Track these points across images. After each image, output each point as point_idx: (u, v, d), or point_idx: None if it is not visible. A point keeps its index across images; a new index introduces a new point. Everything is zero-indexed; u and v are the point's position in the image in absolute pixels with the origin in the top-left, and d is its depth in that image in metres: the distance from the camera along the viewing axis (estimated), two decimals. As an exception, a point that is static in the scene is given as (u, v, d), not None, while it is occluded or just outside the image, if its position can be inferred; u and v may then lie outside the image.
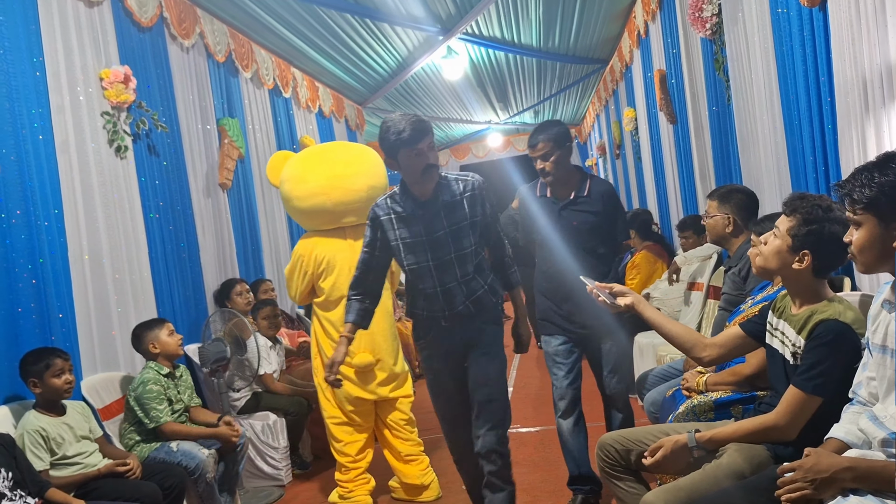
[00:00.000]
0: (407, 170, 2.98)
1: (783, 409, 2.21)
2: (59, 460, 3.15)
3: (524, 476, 4.14)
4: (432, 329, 3.20)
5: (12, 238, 3.40)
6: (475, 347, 3.17)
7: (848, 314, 2.18)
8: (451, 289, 3.09)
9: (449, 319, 3.14)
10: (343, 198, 4.06)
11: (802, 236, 2.25)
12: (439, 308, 3.12)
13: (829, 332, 2.15)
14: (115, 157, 4.30)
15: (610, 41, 8.80)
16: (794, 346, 2.26)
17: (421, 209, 3.03)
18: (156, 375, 3.77)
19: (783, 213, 2.34)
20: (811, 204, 2.28)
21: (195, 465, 3.56)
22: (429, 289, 3.10)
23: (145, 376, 3.75)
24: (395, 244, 3.10)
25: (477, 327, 3.17)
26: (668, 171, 6.87)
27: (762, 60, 3.75)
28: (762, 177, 4.01)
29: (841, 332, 2.15)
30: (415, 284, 3.17)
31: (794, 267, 2.27)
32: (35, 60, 3.71)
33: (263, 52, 6.82)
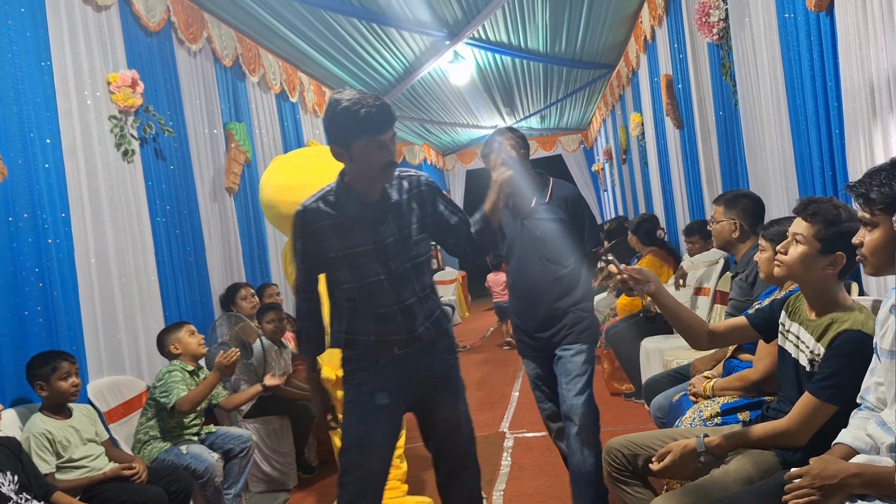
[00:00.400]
0: (362, 164, 2.46)
1: (796, 416, 2.19)
2: (65, 463, 3.15)
3: (530, 481, 4.14)
4: (380, 359, 2.61)
5: (19, 241, 3.41)
6: (438, 384, 2.69)
7: (869, 324, 2.15)
8: (411, 306, 2.59)
9: (405, 345, 2.60)
10: None
11: (832, 238, 2.21)
12: (396, 331, 2.58)
13: (851, 343, 2.13)
14: (123, 161, 4.31)
15: (617, 46, 8.79)
16: (812, 353, 2.24)
17: (367, 211, 2.54)
18: (180, 369, 3.85)
19: (801, 218, 2.29)
20: (830, 205, 2.25)
21: (204, 469, 3.56)
22: (383, 307, 2.56)
23: (170, 368, 3.85)
24: (335, 256, 2.56)
25: (439, 358, 2.69)
26: (675, 176, 6.86)
27: (769, 65, 3.74)
28: (769, 182, 4.00)
29: (863, 342, 2.12)
30: (358, 304, 2.60)
31: (828, 271, 2.24)
32: (43, 64, 3.73)
33: (270, 57, 6.84)
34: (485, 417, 5.66)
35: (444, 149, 15.40)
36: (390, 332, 2.58)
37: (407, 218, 2.59)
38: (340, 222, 2.54)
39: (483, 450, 4.71)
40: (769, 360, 2.78)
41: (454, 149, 15.58)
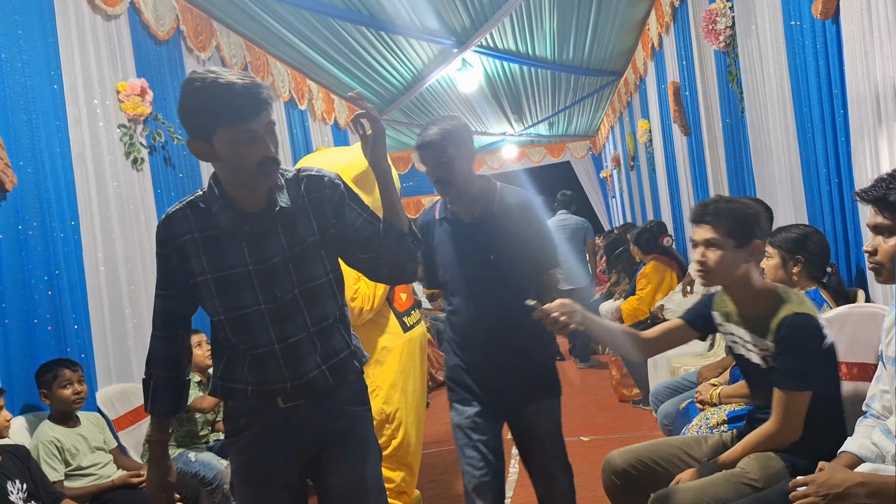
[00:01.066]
0: (230, 162, 1.86)
1: (777, 414, 2.20)
2: (73, 471, 3.16)
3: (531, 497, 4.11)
4: (261, 416, 2.02)
5: (29, 250, 3.43)
6: (336, 444, 2.04)
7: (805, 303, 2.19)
8: (298, 344, 1.98)
9: (292, 396, 2.00)
10: None
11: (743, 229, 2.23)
12: (277, 378, 1.97)
13: (796, 329, 2.15)
14: (132, 170, 4.34)
15: (624, 53, 8.80)
16: (762, 350, 2.24)
17: (247, 224, 1.94)
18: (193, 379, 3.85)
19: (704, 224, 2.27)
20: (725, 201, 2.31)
21: (213, 476, 3.57)
22: (262, 347, 1.97)
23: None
24: (203, 279, 1.96)
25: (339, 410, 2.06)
26: (683, 183, 6.85)
27: (775, 73, 3.74)
28: (776, 189, 4.00)
29: (805, 324, 2.15)
30: (229, 342, 2.02)
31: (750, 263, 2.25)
32: (52, 73, 3.76)
33: (279, 65, 6.87)
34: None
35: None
36: (271, 378, 1.98)
37: (300, 230, 1.98)
38: (210, 236, 1.96)
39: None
40: (776, 368, 2.77)
41: (463, 156, 15.58)
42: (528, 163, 15.54)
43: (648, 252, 6.20)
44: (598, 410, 5.66)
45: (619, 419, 5.31)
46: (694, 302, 5.08)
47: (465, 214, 2.72)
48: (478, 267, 2.69)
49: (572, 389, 6.55)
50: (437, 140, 2.62)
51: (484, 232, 2.68)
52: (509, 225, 2.65)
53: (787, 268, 2.88)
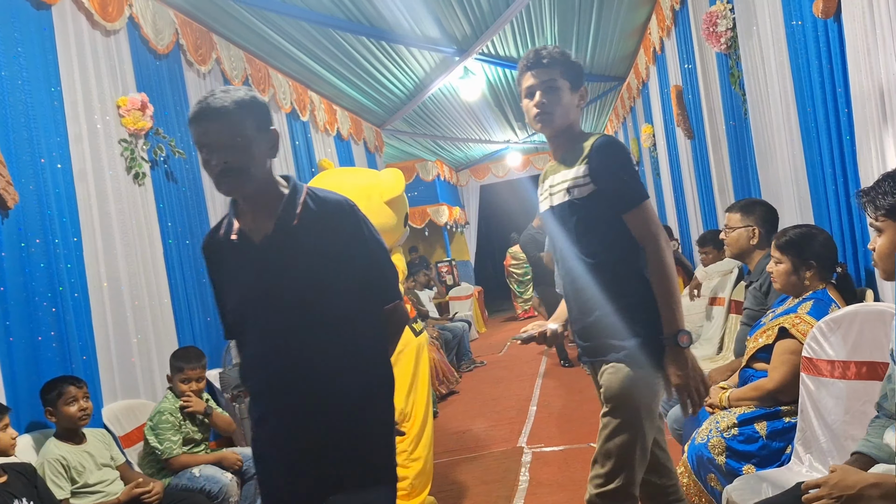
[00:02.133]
0: None
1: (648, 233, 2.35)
2: (80, 489, 3.15)
3: (548, 497, 4.09)
4: None
5: (31, 266, 3.43)
6: None
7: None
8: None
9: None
10: None
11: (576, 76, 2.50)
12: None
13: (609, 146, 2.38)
14: (133, 185, 4.34)
15: (626, 58, 8.80)
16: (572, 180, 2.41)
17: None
18: (172, 406, 3.76)
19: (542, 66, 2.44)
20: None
21: (218, 490, 3.54)
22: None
23: (162, 406, 3.75)
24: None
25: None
26: (687, 187, 6.83)
27: (778, 73, 3.72)
28: (780, 190, 3.97)
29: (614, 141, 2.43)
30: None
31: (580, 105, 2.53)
32: (53, 90, 3.77)
33: (280, 77, 6.88)
34: (503, 433, 5.63)
35: (457, 164, 15.44)
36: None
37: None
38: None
39: (501, 465, 4.73)
40: (785, 369, 2.75)
41: (467, 164, 15.61)
42: (533, 170, 15.55)
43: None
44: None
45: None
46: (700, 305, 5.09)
47: (256, 231, 1.97)
48: (272, 306, 1.94)
49: (581, 396, 6.51)
50: (232, 109, 1.88)
51: (280, 255, 1.94)
52: (319, 243, 1.94)
53: (800, 274, 2.87)
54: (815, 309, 2.73)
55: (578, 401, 6.38)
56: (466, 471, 4.77)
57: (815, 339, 2.58)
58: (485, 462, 4.92)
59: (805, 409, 2.61)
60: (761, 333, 2.95)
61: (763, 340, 2.91)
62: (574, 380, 7.24)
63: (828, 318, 2.57)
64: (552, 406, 6.34)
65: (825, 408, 2.54)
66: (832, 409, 2.52)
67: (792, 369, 2.72)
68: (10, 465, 2.81)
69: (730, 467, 2.72)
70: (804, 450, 2.60)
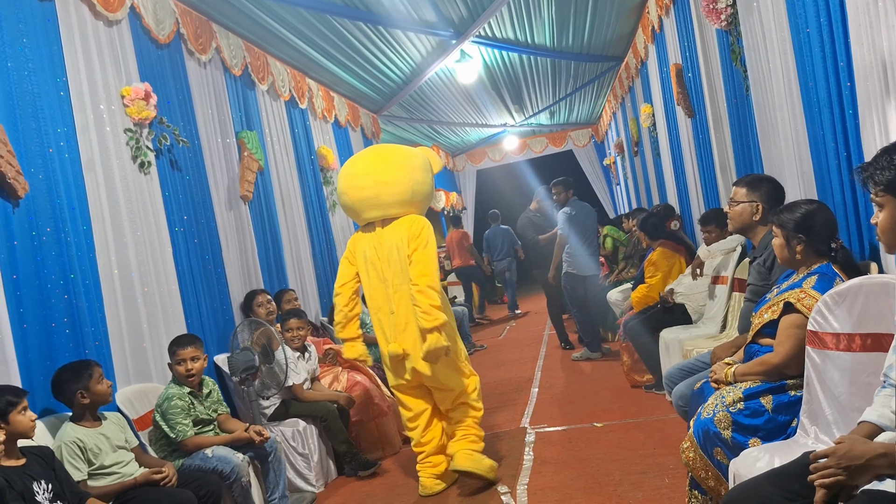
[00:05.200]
0: None
1: None
2: (96, 470, 3.20)
3: (554, 475, 4.14)
4: None
5: (43, 255, 3.46)
6: None
7: None
8: None
9: None
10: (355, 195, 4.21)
11: None
12: None
13: None
14: (140, 173, 4.36)
15: (624, 38, 8.78)
16: None
17: None
18: (179, 391, 3.82)
19: None
20: None
21: (230, 470, 3.59)
22: None
23: (170, 391, 3.81)
24: None
25: None
26: (688, 166, 6.84)
27: (779, 49, 3.73)
28: (783, 166, 3.99)
29: None
30: None
31: None
32: (59, 80, 3.79)
33: (279, 64, 6.88)
34: (506, 414, 5.68)
35: (453, 149, 15.43)
36: None
37: None
38: None
39: (505, 445, 4.78)
40: (790, 344, 2.78)
41: (464, 149, 15.60)
42: (530, 153, 15.56)
43: (655, 237, 6.19)
44: (610, 397, 5.68)
45: (632, 405, 5.33)
46: (703, 284, 5.13)
47: None
48: None
49: (582, 378, 6.56)
50: None
51: None
52: None
53: (791, 247, 2.89)
54: (819, 283, 2.75)
55: (580, 382, 6.43)
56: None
57: (820, 312, 2.61)
58: (489, 443, 4.95)
59: (811, 382, 2.64)
60: (766, 309, 2.98)
61: (769, 316, 2.94)
62: (575, 363, 7.29)
63: (832, 291, 2.59)
64: (554, 387, 6.39)
65: (831, 380, 2.56)
66: (838, 381, 2.54)
67: (797, 343, 2.74)
68: (29, 449, 2.85)
69: (736, 441, 2.74)
70: (810, 422, 2.63)
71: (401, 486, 4.47)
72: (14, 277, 3.28)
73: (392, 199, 4.16)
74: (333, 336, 6.33)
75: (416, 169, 4.25)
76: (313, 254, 7.05)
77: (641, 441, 4.42)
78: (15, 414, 2.74)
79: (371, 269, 4.21)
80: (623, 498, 3.63)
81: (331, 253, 7.53)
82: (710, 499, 2.80)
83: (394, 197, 4.16)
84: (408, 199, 4.21)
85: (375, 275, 4.19)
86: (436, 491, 4.23)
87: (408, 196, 4.19)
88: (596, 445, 4.52)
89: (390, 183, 4.15)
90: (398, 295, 4.13)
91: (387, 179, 4.15)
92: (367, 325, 6.56)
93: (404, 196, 4.18)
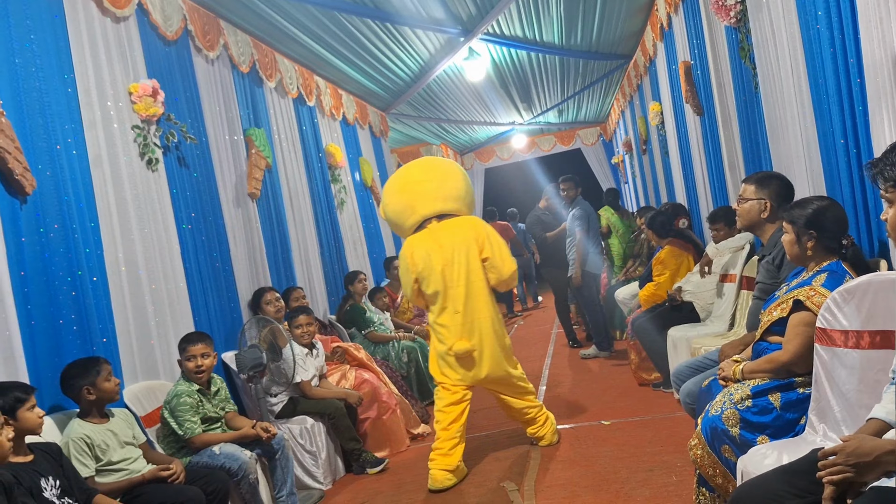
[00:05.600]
0: None
1: None
2: (104, 466, 3.20)
3: (561, 472, 4.14)
4: None
5: (51, 251, 3.47)
6: None
7: None
8: None
9: None
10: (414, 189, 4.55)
11: None
12: None
13: None
14: (147, 170, 4.37)
15: (633, 36, 8.76)
16: None
17: None
18: (188, 388, 3.82)
19: None
20: None
21: (238, 467, 3.59)
22: None
23: (179, 388, 3.81)
24: None
25: None
26: (697, 164, 6.82)
27: (789, 45, 3.71)
28: (792, 163, 3.97)
29: None
30: None
31: None
32: (66, 77, 3.80)
33: (286, 62, 6.89)
34: (514, 411, 5.67)
35: (462, 148, 15.42)
36: None
37: None
38: None
39: (513, 442, 4.77)
40: (799, 341, 2.76)
41: (472, 147, 15.59)
42: (539, 152, 15.54)
43: (663, 236, 6.17)
44: (618, 395, 5.66)
45: (639, 402, 5.31)
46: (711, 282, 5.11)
47: None
48: None
49: (590, 376, 6.55)
50: None
51: None
52: None
53: (802, 243, 2.88)
54: (829, 281, 2.73)
55: (587, 380, 6.42)
56: (479, 448, 4.82)
57: (829, 309, 2.59)
58: (497, 440, 4.97)
59: (819, 380, 2.62)
60: (776, 307, 2.96)
61: (777, 314, 2.92)
62: (582, 360, 7.27)
63: (841, 288, 2.57)
64: (562, 385, 6.38)
65: (839, 378, 2.55)
66: (846, 378, 2.53)
67: (806, 341, 2.73)
68: (37, 445, 2.85)
69: (744, 438, 2.73)
70: (818, 419, 2.61)
71: (409, 483, 4.46)
72: (22, 274, 3.28)
73: (451, 193, 4.49)
74: (341, 334, 6.34)
75: (462, 171, 4.73)
76: (321, 252, 7.05)
77: (649, 439, 4.41)
78: (23, 411, 2.74)
79: (432, 272, 4.38)
80: (630, 495, 3.62)
81: (339, 251, 7.53)
82: (717, 496, 2.79)
83: (452, 190, 4.50)
84: (462, 196, 4.55)
85: (437, 276, 4.37)
86: (446, 486, 4.22)
87: (462, 192, 4.55)
88: (603, 443, 4.51)
89: (449, 176, 4.55)
90: (462, 293, 4.37)
91: (445, 172, 4.58)
92: (374, 322, 6.59)
93: (460, 191, 4.53)
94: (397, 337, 6.57)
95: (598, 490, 3.78)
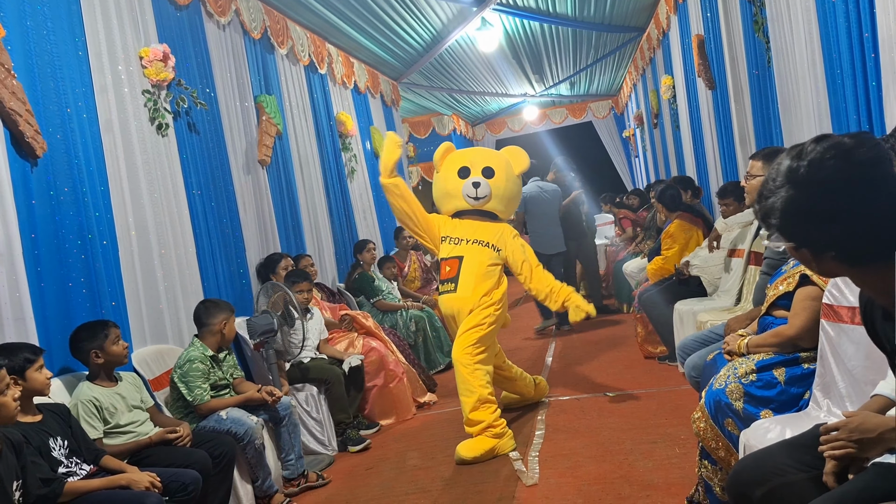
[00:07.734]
0: None
1: None
2: (112, 429, 3.24)
3: (565, 442, 4.17)
4: None
5: (61, 214, 3.49)
6: None
7: None
8: None
9: None
10: None
11: None
12: None
13: None
14: (157, 135, 4.37)
15: (646, 8, 8.67)
16: None
17: None
18: (201, 354, 3.84)
19: None
20: None
21: (244, 432, 3.63)
22: None
23: (192, 354, 3.82)
24: None
25: None
26: (708, 138, 6.78)
27: (803, 19, 3.67)
28: (804, 138, 3.91)
29: None
30: None
31: None
32: (77, 41, 3.79)
33: (298, 29, 6.85)
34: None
35: (473, 118, 15.35)
36: None
37: None
38: None
39: (519, 414, 4.79)
40: (805, 316, 2.76)
41: (483, 118, 15.52)
42: (550, 124, 15.45)
43: (673, 210, 6.15)
44: (623, 368, 5.68)
45: (644, 375, 5.33)
46: (719, 257, 5.10)
47: None
48: None
49: (596, 348, 6.57)
50: None
51: None
52: None
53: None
54: (837, 256, 2.73)
55: (593, 352, 6.43)
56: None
57: (835, 285, 2.58)
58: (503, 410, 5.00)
59: (824, 355, 2.62)
60: (782, 281, 2.95)
61: (784, 288, 2.91)
62: (589, 333, 7.29)
63: (849, 264, 2.56)
64: (568, 357, 6.40)
65: (845, 353, 2.54)
66: (852, 354, 2.52)
67: (812, 315, 2.72)
68: (46, 406, 2.89)
69: (747, 412, 2.73)
70: (823, 395, 2.61)
71: (413, 451, 4.50)
72: (32, 236, 3.30)
73: None
74: (350, 302, 6.37)
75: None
76: (331, 220, 7.06)
77: (653, 411, 4.43)
78: (31, 371, 2.78)
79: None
80: (633, 466, 3.65)
81: (349, 219, 7.54)
82: (719, 469, 2.80)
83: None
84: None
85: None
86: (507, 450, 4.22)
87: None
88: (608, 415, 4.54)
89: None
90: None
91: None
92: (382, 291, 6.62)
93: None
94: (405, 306, 6.61)
95: (601, 460, 3.81)
